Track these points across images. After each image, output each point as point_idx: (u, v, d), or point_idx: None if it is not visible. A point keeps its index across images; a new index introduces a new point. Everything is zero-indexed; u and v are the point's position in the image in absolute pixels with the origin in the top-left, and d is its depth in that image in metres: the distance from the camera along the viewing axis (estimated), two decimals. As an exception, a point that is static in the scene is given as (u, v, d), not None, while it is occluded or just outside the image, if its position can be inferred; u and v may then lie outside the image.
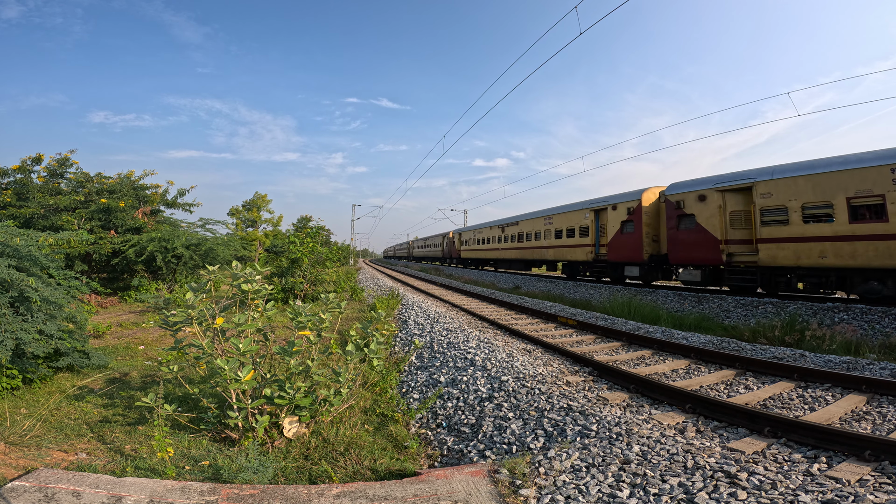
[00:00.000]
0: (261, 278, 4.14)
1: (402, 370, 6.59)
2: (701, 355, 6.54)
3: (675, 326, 10.11)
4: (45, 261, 5.16)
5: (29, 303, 4.67)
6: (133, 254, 11.71)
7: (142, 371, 5.89)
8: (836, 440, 3.47)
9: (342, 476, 3.38)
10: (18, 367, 4.62)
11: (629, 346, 7.59)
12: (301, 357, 4.01)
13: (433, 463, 3.94)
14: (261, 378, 3.95)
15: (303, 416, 3.94)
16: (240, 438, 3.81)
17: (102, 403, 4.62)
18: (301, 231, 20.27)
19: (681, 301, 12.94)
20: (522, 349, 6.97)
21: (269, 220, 38.98)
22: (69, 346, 5.13)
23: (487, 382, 5.32)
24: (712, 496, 2.69)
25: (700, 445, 3.47)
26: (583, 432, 3.81)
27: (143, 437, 3.84)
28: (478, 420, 4.53)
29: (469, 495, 2.86)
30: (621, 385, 5.25)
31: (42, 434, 3.77)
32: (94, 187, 13.09)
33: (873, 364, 6.01)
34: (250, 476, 3.11)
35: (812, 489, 2.74)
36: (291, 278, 13.02)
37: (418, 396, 5.53)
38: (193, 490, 2.84)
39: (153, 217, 14.06)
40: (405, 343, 8.24)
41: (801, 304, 10.39)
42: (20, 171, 12.07)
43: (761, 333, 8.61)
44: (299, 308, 4.16)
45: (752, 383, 5.42)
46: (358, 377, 4.71)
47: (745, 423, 3.97)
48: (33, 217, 11.33)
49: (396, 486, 2.98)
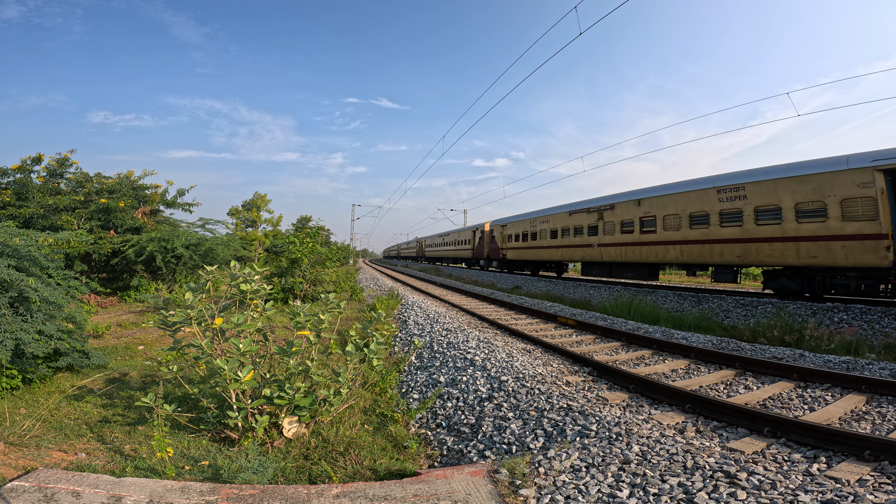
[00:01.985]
0: (260, 278, 4.13)
1: (401, 370, 6.59)
2: (700, 355, 6.54)
3: (675, 326, 10.11)
4: (44, 261, 5.15)
5: (28, 303, 4.67)
6: (133, 254, 11.71)
7: (141, 371, 5.89)
8: (835, 440, 3.47)
9: (342, 476, 3.38)
10: (18, 368, 4.62)
11: (629, 346, 7.59)
12: (300, 357, 4.01)
13: (433, 463, 3.94)
14: (260, 378, 3.95)
15: (302, 416, 3.94)
16: (239, 438, 3.81)
17: (102, 403, 4.62)
18: (301, 231, 20.26)
19: (680, 301, 12.95)
20: (522, 349, 6.97)
21: (268, 220, 38.97)
22: (68, 346, 5.13)
23: (487, 382, 5.32)
24: (712, 496, 2.69)
25: (700, 445, 3.47)
26: (582, 432, 3.81)
27: (142, 437, 3.84)
28: (477, 420, 4.53)
29: (469, 495, 2.86)
30: (621, 385, 5.25)
31: (41, 434, 3.77)
32: (93, 187, 13.09)
33: (873, 364, 6.01)
34: (250, 476, 3.11)
35: (812, 489, 2.74)
36: (291, 278, 13.02)
37: (418, 396, 5.53)
38: (193, 490, 2.84)
39: (153, 217, 14.06)
40: (405, 343, 8.24)
41: (800, 305, 10.40)
42: (20, 170, 12.07)
43: (761, 333, 8.62)
44: (298, 308, 4.16)
45: (751, 383, 5.42)
46: (357, 377, 4.71)
47: (745, 423, 3.97)
48: (33, 217, 11.33)
49: (396, 486, 2.98)
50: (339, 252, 29.81)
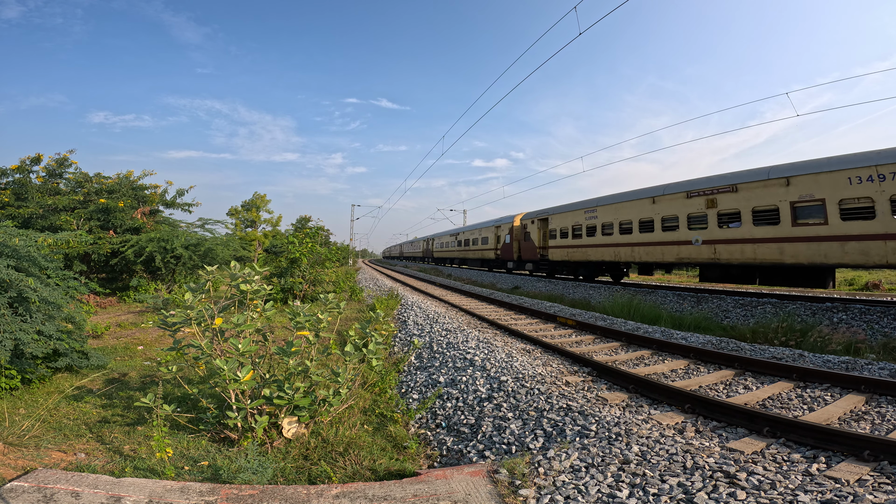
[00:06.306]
0: (259, 278, 4.13)
1: (401, 370, 6.58)
2: (700, 355, 6.54)
3: (675, 326, 10.12)
4: (43, 261, 5.15)
5: (28, 303, 4.66)
6: (132, 254, 11.70)
7: (141, 371, 5.89)
8: (834, 440, 3.47)
9: (341, 476, 3.38)
10: (17, 368, 4.62)
11: (628, 346, 7.60)
12: (300, 357, 4.01)
13: (432, 463, 3.94)
14: (260, 378, 3.95)
15: (302, 416, 3.94)
16: (239, 439, 3.81)
17: (101, 404, 4.61)
18: (300, 231, 20.26)
19: (680, 301, 12.95)
20: (522, 349, 6.97)
21: (268, 220, 38.93)
22: (68, 346, 5.13)
23: (487, 382, 5.32)
24: (711, 496, 2.69)
25: (699, 445, 3.47)
26: (582, 432, 3.81)
27: (142, 438, 3.84)
28: (477, 420, 4.52)
29: (468, 495, 2.85)
30: (620, 385, 5.25)
31: (41, 434, 3.77)
32: (92, 187, 13.08)
33: (872, 364, 6.02)
34: (249, 476, 3.11)
35: (811, 489, 2.74)
36: (290, 278, 13.01)
37: (417, 397, 5.53)
38: (192, 490, 2.83)
39: (152, 217, 14.06)
40: (404, 343, 8.23)
41: (799, 305, 10.41)
42: (19, 171, 12.07)
43: (760, 333, 8.62)
44: (298, 308, 4.16)
45: (751, 383, 5.42)
46: (357, 377, 4.70)
47: (745, 423, 3.97)
48: (32, 217, 11.32)
49: (396, 487, 2.98)
50: (339, 252, 29.78)
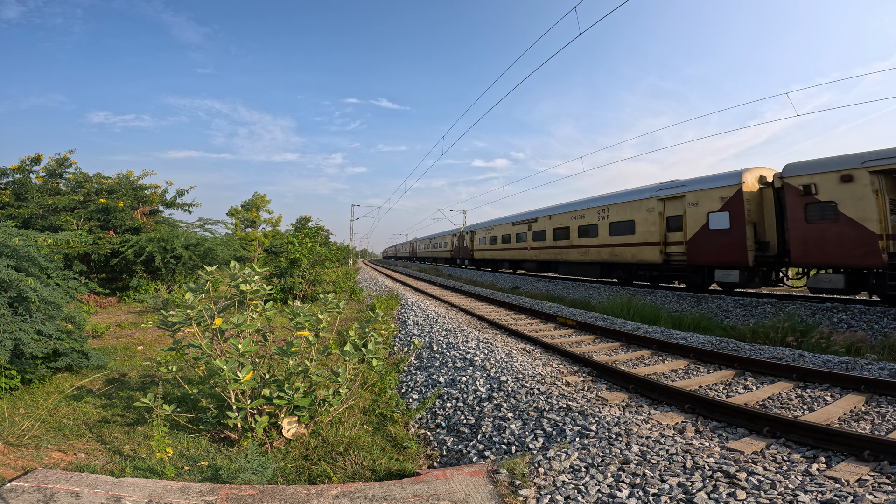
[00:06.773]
0: (259, 279, 4.13)
1: (401, 370, 6.58)
2: (700, 355, 6.54)
3: (675, 327, 10.12)
4: (43, 261, 5.15)
5: (27, 303, 4.66)
6: (132, 254, 11.70)
7: (140, 371, 5.89)
8: (834, 440, 3.47)
9: (341, 476, 3.38)
10: (17, 368, 4.62)
11: (628, 346, 7.60)
12: (300, 357, 4.01)
13: (432, 463, 3.94)
14: (260, 378, 3.95)
15: (302, 416, 3.94)
16: (239, 439, 3.81)
17: (101, 404, 4.61)
18: (300, 231, 20.26)
19: (680, 301, 12.95)
20: (522, 349, 6.97)
21: (268, 220, 38.94)
22: (68, 346, 5.13)
23: (487, 383, 5.32)
24: (711, 496, 2.69)
25: (699, 445, 3.47)
26: (582, 432, 3.81)
27: (141, 438, 3.84)
28: (477, 420, 4.52)
29: (468, 495, 2.85)
30: (620, 385, 5.25)
31: (41, 434, 3.77)
32: (92, 187, 13.07)
33: (872, 364, 6.02)
34: (249, 476, 3.11)
35: (811, 489, 2.74)
36: (290, 279, 13.01)
37: (417, 397, 5.52)
38: (192, 490, 2.83)
39: (152, 217, 14.05)
40: (404, 343, 8.23)
41: (799, 305, 10.41)
42: (19, 171, 12.06)
43: (760, 333, 8.62)
44: (298, 308, 4.16)
45: (751, 383, 5.43)
46: (357, 377, 4.70)
47: (745, 423, 3.97)
48: (32, 217, 11.31)
49: (396, 487, 2.98)
50: (339, 252, 29.81)
